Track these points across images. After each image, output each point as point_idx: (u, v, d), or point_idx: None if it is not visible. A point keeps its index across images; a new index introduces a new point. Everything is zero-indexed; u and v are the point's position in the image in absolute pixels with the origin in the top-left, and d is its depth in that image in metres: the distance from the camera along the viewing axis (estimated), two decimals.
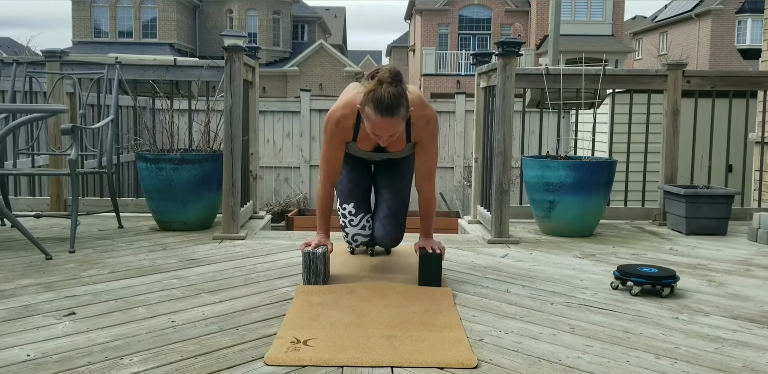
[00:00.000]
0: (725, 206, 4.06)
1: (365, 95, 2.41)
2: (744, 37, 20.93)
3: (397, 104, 2.37)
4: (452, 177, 9.90)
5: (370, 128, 2.44)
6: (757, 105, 5.39)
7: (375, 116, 2.38)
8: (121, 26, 29.59)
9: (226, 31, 4.14)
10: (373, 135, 2.48)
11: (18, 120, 3.34)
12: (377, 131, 2.43)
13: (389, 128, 2.41)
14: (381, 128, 2.41)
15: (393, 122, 2.39)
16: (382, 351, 1.94)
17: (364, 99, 2.42)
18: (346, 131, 2.65)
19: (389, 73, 2.41)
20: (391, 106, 2.36)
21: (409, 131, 2.64)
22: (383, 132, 2.42)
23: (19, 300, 2.43)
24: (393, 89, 2.37)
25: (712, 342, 2.11)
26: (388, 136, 2.45)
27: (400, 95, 2.39)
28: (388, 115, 2.37)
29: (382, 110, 2.36)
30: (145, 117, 4.85)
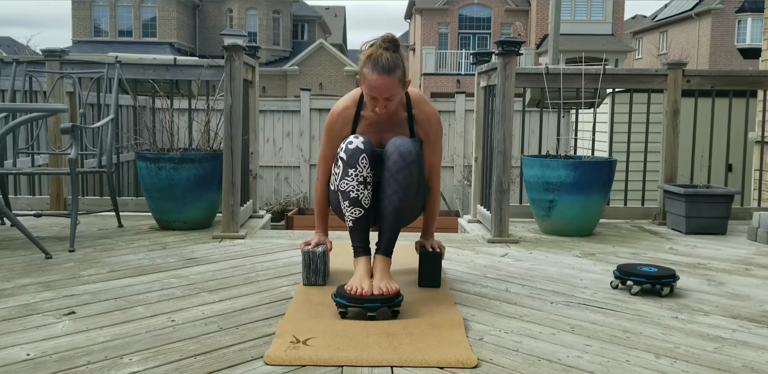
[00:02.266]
0: (725, 205, 4.06)
1: (363, 59, 2.45)
2: (744, 36, 20.94)
3: (394, 64, 2.41)
4: (452, 177, 9.91)
5: (368, 89, 2.43)
6: (757, 104, 5.39)
7: (372, 75, 2.40)
8: (121, 25, 29.59)
9: (226, 31, 4.13)
10: (370, 99, 2.45)
11: (18, 119, 3.34)
12: (374, 92, 2.42)
13: (386, 87, 2.40)
14: (377, 87, 2.40)
15: (389, 81, 2.40)
16: (382, 351, 1.94)
17: (362, 64, 2.46)
18: (346, 122, 2.62)
19: (385, 39, 2.48)
20: (387, 65, 2.40)
21: (412, 125, 2.62)
22: (380, 92, 2.41)
23: (18, 299, 2.43)
24: (390, 53, 2.43)
25: (711, 342, 2.11)
26: (384, 99, 2.43)
27: (397, 58, 2.44)
28: (384, 73, 2.39)
29: (379, 68, 2.39)
30: (145, 116, 4.85)
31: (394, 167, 2.40)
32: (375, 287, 2.29)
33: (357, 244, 2.48)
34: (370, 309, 2.22)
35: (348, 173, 2.40)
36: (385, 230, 2.46)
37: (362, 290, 2.26)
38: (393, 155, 2.41)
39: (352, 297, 2.24)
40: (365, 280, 2.33)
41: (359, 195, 2.41)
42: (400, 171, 2.39)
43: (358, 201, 2.41)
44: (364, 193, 2.41)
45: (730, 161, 5.03)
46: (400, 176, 2.39)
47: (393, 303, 2.26)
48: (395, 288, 2.29)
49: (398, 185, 2.40)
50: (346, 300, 2.23)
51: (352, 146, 2.42)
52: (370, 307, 2.22)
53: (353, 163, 2.39)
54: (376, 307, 2.22)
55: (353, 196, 2.41)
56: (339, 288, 2.30)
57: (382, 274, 2.38)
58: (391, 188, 2.40)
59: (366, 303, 2.22)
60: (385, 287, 2.28)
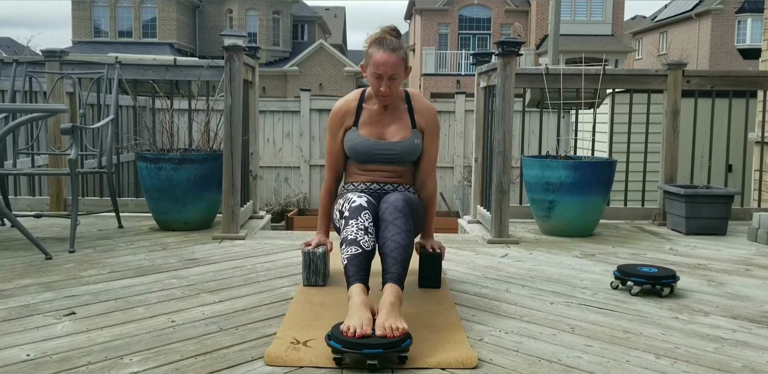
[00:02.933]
0: (725, 206, 4.06)
1: (369, 43, 2.56)
2: (744, 37, 20.94)
3: (398, 45, 2.54)
4: (452, 177, 9.91)
5: (373, 67, 2.50)
6: (757, 105, 5.39)
7: (378, 52, 2.49)
8: (121, 26, 29.58)
9: (226, 31, 4.13)
10: (375, 79, 2.52)
11: (18, 120, 3.34)
12: (379, 68, 2.49)
13: (390, 63, 2.48)
14: (382, 63, 2.48)
15: (395, 59, 2.49)
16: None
17: (367, 47, 2.56)
18: (348, 113, 2.67)
19: (389, 27, 2.61)
20: (392, 44, 2.51)
21: (413, 116, 2.65)
22: (385, 68, 2.48)
23: (18, 300, 2.43)
24: (394, 38, 2.56)
25: (711, 342, 2.11)
26: (389, 78, 2.49)
27: (400, 42, 2.57)
28: (389, 50, 2.49)
29: (384, 46, 2.50)
30: (145, 117, 4.85)
31: (391, 217, 2.33)
32: (378, 326, 1.91)
33: (351, 275, 2.20)
34: (370, 356, 1.81)
35: (350, 223, 2.33)
36: (392, 265, 2.22)
37: (361, 329, 1.88)
38: (388, 210, 2.35)
39: (349, 341, 1.83)
40: (364, 313, 1.97)
41: (358, 238, 2.28)
42: (398, 219, 2.32)
43: (356, 241, 2.26)
44: (365, 238, 2.28)
45: (730, 162, 5.03)
46: (399, 223, 2.32)
47: (399, 348, 1.84)
48: (403, 329, 1.90)
49: (398, 228, 2.30)
50: (341, 344, 1.83)
51: (355, 205, 2.37)
52: (369, 354, 1.81)
53: (355, 216, 2.34)
54: (378, 354, 1.81)
55: (351, 238, 2.28)
56: (334, 328, 1.92)
57: (391, 309, 2.00)
58: (392, 231, 2.30)
59: (366, 348, 1.81)
60: (390, 327, 1.89)
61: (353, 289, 2.12)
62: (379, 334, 1.87)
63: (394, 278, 2.16)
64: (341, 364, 1.85)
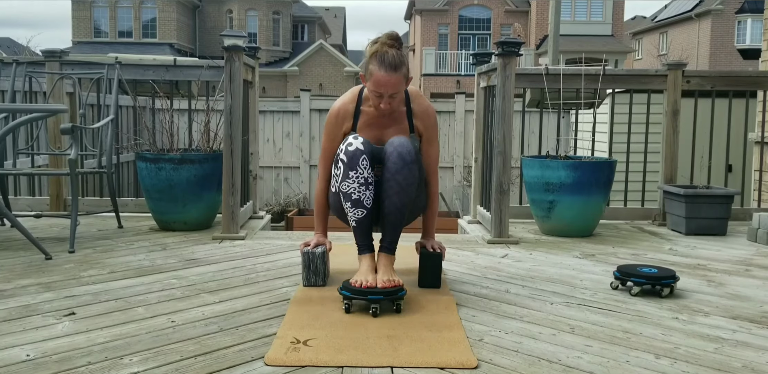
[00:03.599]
0: (725, 206, 4.06)
1: (369, 55, 2.51)
2: (744, 37, 20.95)
3: (399, 61, 2.48)
4: (452, 177, 9.91)
5: (374, 86, 2.48)
6: (757, 105, 5.39)
7: (378, 72, 2.45)
8: (121, 26, 29.60)
9: (226, 31, 4.13)
10: (375, 95, 2.50)
11: (18, 120, 3.34)
12: (379, 88, 2.47)
13: (391, 84, 2.46)
14: (383, 83, 2.45)
15: (395, 78, 2.46)
16: (382, 352, 1.94)
17: (367, 61, 2.52)
18: (347, 118, 2.65)
19: (389, 36, 2.54)
20: (393, 62, 2.46)
21: (411, 120, 2.65)
22: (386, 88, 2.46)
23: (18, 300, 2.43)
24: (395, 51, 2.50)
25: (711, 342, 2.11)
26: (389, 95, 2.48)
27: (402, 56, 2.51)
28: (390, 70, 2.45)
29: (385, 65, 2.45)
30: (145, 117, 4.85)
31: (394, 167, 2.43)
32: (379, 280, 2.37)
33: (361, 242, 2.51)
34: (374, 301, 2.28)
35: (348, 175, 2.43)
36: (388, 229, 2.50)
37: (367, 282, 2.35)
38: (392, 156, 2.44)
39: (357, 290, 2.31)
40: (370, 275, 2.40)
41: (361, 196, 2.44)
42: (400, 171, 2.42)
43: (360, 202, 2.44)
44: (365, 194, 2.44)
45: (730, 162, 5.02)
46: (400, 177, 2.43)
47: (396, 296, 2.32)
48: (398, 281, 2.38)
49: (399, 185, 2.43)
50: (350, 292, 2.31)
51: (352, 148, 2.45)
52: (373, 299, 2.28)
53: (354, 165, 2.43)
54: (379, 299, 2.29)
55: (355, 197, 2.44)
56: (345, 282, 2.38)
57: (385, 269, 2.44)
58: (392, 188, 2.43)
59: (370, 295, 2.29)
60: (389, 280, 2.37)
61: (363, 258, 2.50)
62: (380, 286, 2.34)
63: (388, 248, 2.51)
64: (350, 312, 2.29)
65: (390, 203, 2.45)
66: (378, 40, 2.54)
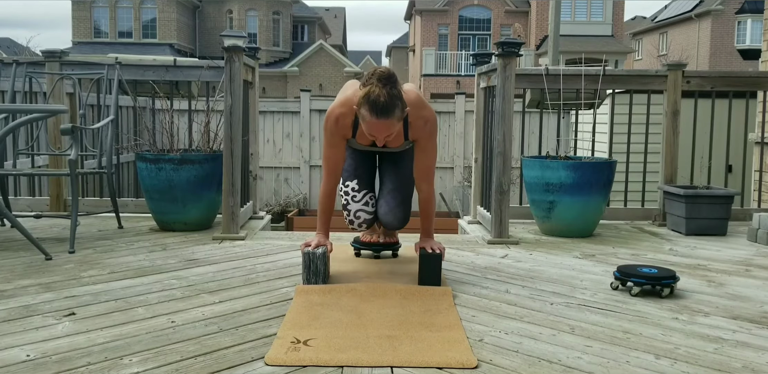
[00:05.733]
0: (725, 206, 4.06)
1: (361, 98, 2.47)
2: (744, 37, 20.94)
3: (392, 105, 2.44)
4: (452, 177, 9.91)
5: (367, 129, 2.50)
6: (757, 105, 5.39)
7: (371, 118, 2.45)
8: (120, 26, 29.60)
9: (226, 32, 4.13)
10: (370, 135, 2.53)
11: (18, 120, 3.34)
12: (373, 132, 2.49)
13: (385, 128, 2.47)
14: (377, 129, 2.47)
15: (388, 123, 2.46)
16: (382, 351, 1.94)
17: (360, 101, 2.48)
18: (345, 128, 2.68)
19: (383, 75, 2.49)
20: (385, 108, 2.42)
21: (407, 130, 2.68)
22: (379, 133, 2.49)
23: (19, 301, 2.43)
24: (387, 91, 2.44)
25: (711, 343, 2.11)
26: (384, 136, 2.51)
27: (395, 97, 2.45)
28: (383, 116, 2.43)
29: (377, 111, 2.43)
30: (145, 117, 4.85)
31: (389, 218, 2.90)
32: (381, 236, 3.14)
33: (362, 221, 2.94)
34: (377, 250, 3.15)
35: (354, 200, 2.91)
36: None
37: (371, 238, 3.14)
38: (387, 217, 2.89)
39: (364, 243, 3.15)
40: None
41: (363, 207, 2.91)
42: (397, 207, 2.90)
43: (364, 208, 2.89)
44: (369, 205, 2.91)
45: (730, 162, 5.03)
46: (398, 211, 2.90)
47: (394, 247, 3.18)
48: (396, 238, 3.17)
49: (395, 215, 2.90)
50: (359, 244, 3.18)
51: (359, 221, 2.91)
52: (377, 249, 3.15)
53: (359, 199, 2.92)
54: (381, 249, 3.15)
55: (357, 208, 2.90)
56: (356, 238, 3.22)
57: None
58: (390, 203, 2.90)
59: (374, 246, 3.15)
60: (388, 237, 3.14)
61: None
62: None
63: None
64: (359, 256, 3.20)
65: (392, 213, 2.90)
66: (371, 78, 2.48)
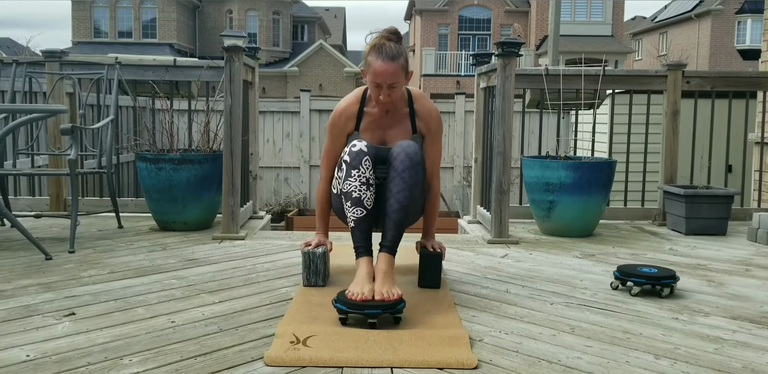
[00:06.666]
0: (725, 206, 4.06)
1: (368, 49, 2.51)
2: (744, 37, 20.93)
3: (398, 52, 2.48)
4: (452, 177, 9.91)
5: (372, 76, 2.47)
6: (757, 105, 5.39)
7: (377, 62, 2.45)
8: (120, 26, 29.60)
9: (226, 32, 4.13)
10: (374, 87, 2.49)
11: (18, 120, 3.34)
12: (377, 77, 2.46)
13: (389, 73, 2.45)
14: (381, 72, 2.45)
15: (394, 67, 2.45)
16: (382, 352, 1.94)
17: (366, 53, 2.52)
18: (350, 118, 2.65)
19: (389, 30, 2.56)
20: (391, 52, 2.46)
21: (414, 121, 2.65)
22: (384, 78, 2.45)
23: (18, 301, 2.43)
24: (393, 43, 2.50)
25: (711, 343, 2.11)
26: (389, 87, 2.47)
27: (401, 48, 2.51)
28: (389, 59, 2.45)
29: (383, 55, 2.45)
30: (145, 117, 4.85)
31: (401, 166, 2.42)
32: (377, 292, 2.22)
33: (359, 244, 2.42)
34: (371, 315, 2.15)
35: (351, 174, 2.42)
36: (389, 228, 2.41)
37: (363, 295, 2.19)
38: (400, 156, 2.43)
39: (353, 303, 2.17)
40: (366, 284, 2.25)
41: (361, 195, 2.40)
42: (407, 170, 2.41)
43: (360, 201, 2.40)
44: (366, 194, 2.41)
45: (729, 162, 5.02)
46: (407, 175, 2.41)
47: (395, 309, 2.18)
48: (398, 294, 2.22)
49: (404, 183, 2.41)
50: (346, 306, 2.17)
51: (356, 149, 2.44)
52: (370, 313, 2.15)
53: (356, 164, 2.42)
54: (377, 314, 2.15)
55: (355, 196, 2.40)
56: (339, 294, 2.24)
57: (384, 277, 2.30)
58: (398, 186, 2.41)
59: (366, 309, 2.15)
60: (387, 292, 2.22)
61: (361, 261, 2.38)
62: (377, 298, 2.20)
63: (389, 247, 2.40)
64: (346, 324, 2.16)
65: (395, 200, 2.40)
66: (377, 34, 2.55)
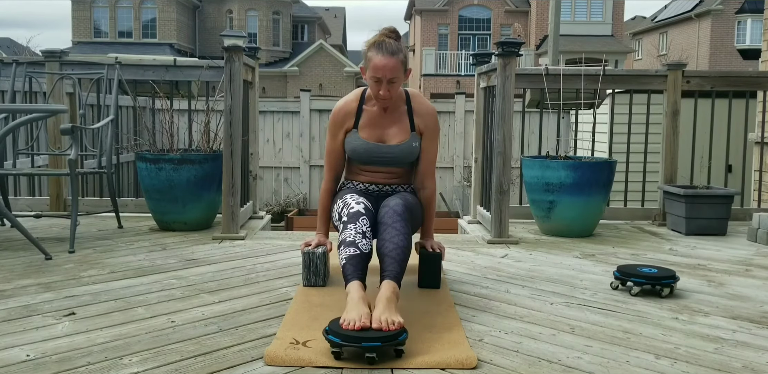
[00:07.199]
0: (725, 206, 4.06)
1: (368, 46, 2.54)
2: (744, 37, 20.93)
3: (398, 48, 2.51)
4: (452, 177, 9.91)
5: (372, 71, 2.49)
6: (757, 105, 5.39)
7: (377, 56, 2.48)
8: (120, 26, 29.59)
9: (226, 32, 4.13)
10: (374, 82, 2.51)
11: (18, 120, 3.34)
12: (377, 72, 2.48)
13: (389, 67, 2.47)
14: (381, 67, 2.47)
15: (393, 62, 2.48)
16: (382, 352, 1.93)
17: (366, 50, 2.54)
18: (349, 116, 2.67)
19: (388, 29, 2.59)
20: (390, 48, 2.49)
21: (412, 119, 2.66)
22: (384, 72, 2.47)
23: (18, 300, 2.43)
24: (393, 40, 2.54)
25: (711, 343, 2.11)
26: (388, 82, 2.49)
27: (399, 45, 2.54)
28: (388, 54, 2.47)
29: (383, 50, 2.48)
30: (145, 117, 4.85)
31: (390, 220, 2.38)
32: (374, 319, 1.94)
33: (349, 273, 2.23)
34: (369, 348, 1.83)
35: (348, 227, 2.36)
36: (390, 264, 2.26)
37: (360, 322, 1.91)
38: (388, 213, 2.41)
39: (347, 335, 1.86)
40: (362, 308, 2.00)
41: (356, 240, 2.31)
42: (397, 222, 2.38)
43: (354, 244, 2.29)
44: (362, 241, 2.31)
45: (729, 162, 5.03)
46: (398, 225, 2.37)
47: (396, 341, 1.88)
48: (399, 323, 1.93)
49: (396, 230, 2.35)
50: (340, 338, 1.86)
51: (353, 211, 2.40)
52: (368, 347, 1.83)
53: (354, 221, 2.38)
54: (376, 347, 1.84)
55: (350, 240, 2.31)
56: (332, 323, 1.94)
57: (387, 304, 2.03)
58: (390, 233, 2.35)
59: (364, 341, 1.84)
60: (387, 320, 1.93)
61: (351, 285, 2.17)
62: (375, 327, 1.91)
63: (392, 276, 2.21)
64: (340, 358, 1.87)
65: (391, 243, 2.30)
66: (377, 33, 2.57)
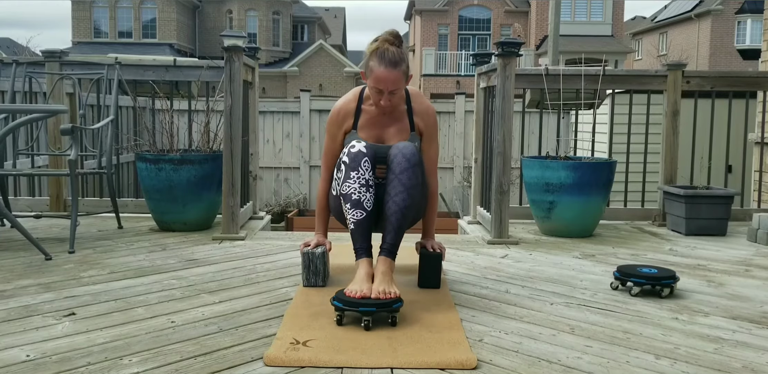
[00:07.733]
0: (725, 206, 4.06)
1: (370, 52, 2.52)
2: (744, 37, 20.95)
3: (399, 58, 2.49)
4: (452, 177, 9.91)
5: (374, 82, 2.48)
6: (757, 105, 5.39)
7: (379, 68, 2.46)
8: (120, 26, 29.60)
9: (226, 32, 4.13)
10: (376, 92, 2.50)
11: (18, 120, 3.34)
12: (379, 84, 2.47)
13: (391, 80, 2.46)
14: (383, 79, 2.46)
15: (394, 74, 2.46)
16: (382, 352, 1.94)
17: (367, 58, 2.52)
18: (347, 116, 2.67)
19: (391, 33, 2.56)
20: (393, 58, 2.47)
21: (412, 119, 2.66)
22: (386, 85, 2.46)
23: (18, 301, 2.43)
24: (395, 48, 2.51)
25: (711, 343, 2.11)
26: (390, 92, 2.48)
27: (402, 53, 2.52)
28: (390, 66, 2.46)
29: (386, 61, 2.46)
30: (145, 117, 4.85)
31: (398, 168, 2.42)
32: (374, 290, 2.22)
33: (359, 246, 2.43)
34: (366, 313, 2.11)
35: (350, 175, 2.42)
36: (389, 231, 2.41)
37: (361, 292, 2.20)
38: (397, 157, 2.44)
39: (349, 300, 2.15)
40: (365, 283, 2.26)
41: (361, 197, 2.40)
42: (404, 172, 2.42)
43: (359, 203, 2.40)
44: (366, 195, 2.40)
45: (729, 162, 5.02)
46: (404, 177, 2.41)
47: (391, 308, 2.14)
48: (395, 293, 2.22)
49: (402, 186, 2.41)
50: (342, 303, 2.15)
51: (354, 150, 2.45)
52: (365, 311, 2.11)
53: (355, 166, 2.42)
54: (372, 312, 2.11)
55: (355, 198, 2.40)
56: (338, 292, 2.22)
57: (383, 277, 2.30)
58: (396, 189, 2.41)
59: (362, 306, 2.12)
60: (384, 291, 2.21)
61: (361, 263, 2.40)
62: (373, 296, 2.20)
63: (388, 251, 2.40)
64: (341, 324, 2.14)
65: (393, 203, 2.40)
66: (379, 38, 2.55)
